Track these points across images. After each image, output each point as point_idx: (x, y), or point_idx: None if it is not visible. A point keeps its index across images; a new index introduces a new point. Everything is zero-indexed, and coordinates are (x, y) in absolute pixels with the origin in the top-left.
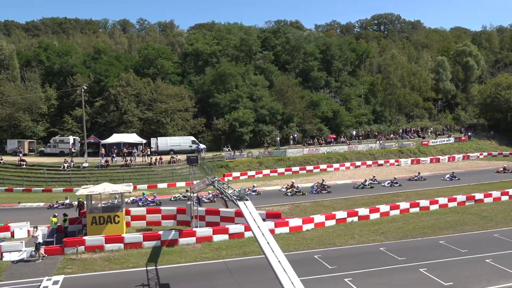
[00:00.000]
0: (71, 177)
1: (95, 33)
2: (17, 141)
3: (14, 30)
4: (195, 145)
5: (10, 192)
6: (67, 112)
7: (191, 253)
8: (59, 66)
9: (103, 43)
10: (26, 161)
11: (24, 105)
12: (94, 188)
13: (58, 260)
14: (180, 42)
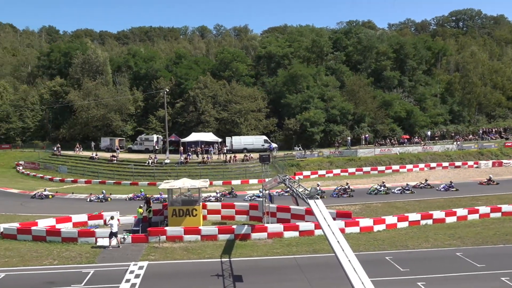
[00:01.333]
0: (154, 172)
1: (176, 39)
2: (109, 139)
3: (107, 39)
4: (267, 144)
5: (103, 185)
6: (152, 112)
7: (262, 248)
8: (145, 70)
9: (184, 48)
10: (116, 157)
11: (115, 106)
12: (174, 183)
13: (143, 248)
14: (253, 46)
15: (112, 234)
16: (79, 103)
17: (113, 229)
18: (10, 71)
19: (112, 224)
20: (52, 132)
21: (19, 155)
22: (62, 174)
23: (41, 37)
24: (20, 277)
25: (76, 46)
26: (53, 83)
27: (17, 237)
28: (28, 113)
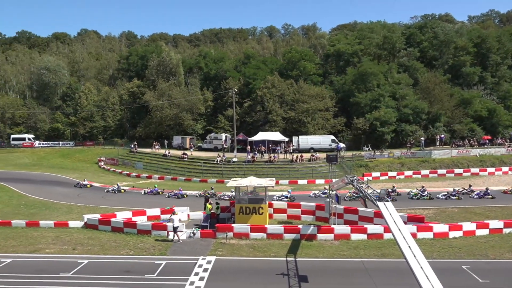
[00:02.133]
0: (222, 170)
1: (245, 40)
2: (181, 137)
3: (180, 42)
4: (334, 143)
5: (175, 181)
6: (221, 112)
7: (328, 249)
8: (215, 71)
9: (252, 49)
10: (187, 155)
11: (187, 106)
12: (241, 181)
13: (211, 243)
14: (322, 44)
15: (174, 229)
16: (154, 103)
17: (174, 224)
18: (94, 74)
19: (173, 219)
20: (129, 130)
21: (101, 151)
22: (138, 170)
23: (121, 42)
24: (100, 264)
25: (152, 49)
26: (131, 85)
27: (98, 227)
28: (109, 113)
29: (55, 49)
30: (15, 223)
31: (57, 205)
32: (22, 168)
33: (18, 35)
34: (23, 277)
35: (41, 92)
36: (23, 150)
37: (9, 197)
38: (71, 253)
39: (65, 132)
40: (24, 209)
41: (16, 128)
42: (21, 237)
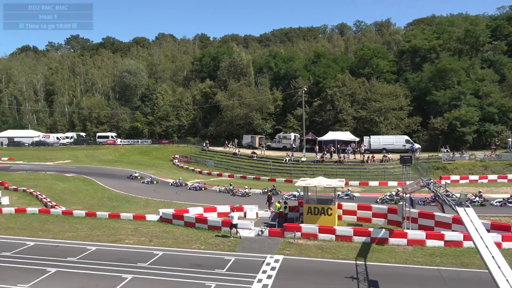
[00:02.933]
0: (291, 169)
1: (315, 38)
2: (250, 136)
3: (251, 42)
4: (409, 144)
5: (244, 179)
6: (290, 111)
7: (401, 255)
8: (285, 71)
9: (322, 47)
10: (256, 154)
11: (256, 106)
12: (310, 181)
13: (279, 242)
14: (396, 40)
15: (232, 226)
16: (225, 103)
17: (233, 221)
18: (170, 75)
19: (233, 216)
20: (202, 129)
21: (175, 149)
22: (209, 168)
23: (195, 44)
24: (174, 257)
25: (224, 50)
26: (204, 85)
27: (172, 221)
28: (183, 112)
29: (135, 53)
30: (100, 214)
31: (136, 199)
32: (106, 163)
33: (104, 41)
34: (106, 264)
35: (123, 94)
36: (107, 147)
37: (95, 190)
38: (147, 244)
39: (143, 130)
40: (107, 202)
41: (101, 127)
42: (104, 228)
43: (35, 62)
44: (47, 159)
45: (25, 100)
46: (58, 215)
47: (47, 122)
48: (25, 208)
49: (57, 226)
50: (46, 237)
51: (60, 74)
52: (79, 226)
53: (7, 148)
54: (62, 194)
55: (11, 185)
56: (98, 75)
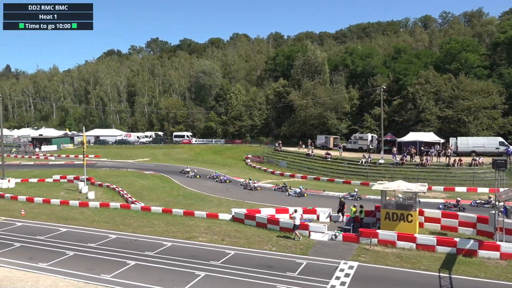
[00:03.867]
0: (367, 172)
1: (395, 33)
2: (325, 136)
3: (326, 39)
4: (503, 147)
5: (317, 181)
6: (367, 111)
7: (493, 269)
8: (362, 68)
9: (403, 42)
10: (330, 155)
11: (331, 105)
12: (388, 185)
13: (354, 248)
14: (489, 32)
15: (295, 227)
16: (298, 103)
17: (296, 222)
18: (243, 75)
19: (295, 217)
20: (274, 129)
21: (248, 149)
22: (282, 168)
23: (269, 43)
24: (246, 257)
25: (297, 48)
26: (277, 85)
27: (244, 221)
28: (256, 112)
29: (210, 53)
30: (175, 211)
31: (209, 197)
32: (181, 162)
33: (181, 42)
34: (180, 260)
35: (198, 94)
36: (182, 146)
37: (171, 188)
38: (220, 243)
39: (217, 130)
40: (182, 200)
41: (177, 126)
42: (179, 225)
43: (119, 65)
44: (128, 157)
45: (109, 101)
46: (137, 210)
47: (129, 122)
48: (109, 203)
49: (137, 221)
50: (126, 231)
51: (140, 76)
52: (156, 222)
53: (94, 146)
54: (141, 191)
55: (97, 180)
56: (175, 76)
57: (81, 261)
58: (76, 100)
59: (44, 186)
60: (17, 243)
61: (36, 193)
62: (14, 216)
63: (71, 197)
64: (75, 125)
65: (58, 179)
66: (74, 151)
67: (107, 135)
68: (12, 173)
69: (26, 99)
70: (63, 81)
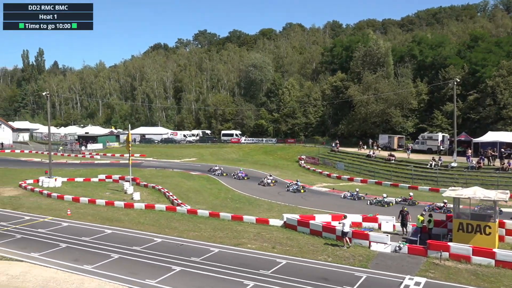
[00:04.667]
0: (437, 176)
1: (472, 18)
2: (388, 136)
3: (390, 27)
4: None
5: (379, 185)
6: (437, 107)
7: None
8: (431, 59)
9: (481, 28)
10: (394, 156)
11: (396, 101)
12: (462, 191)
13: (421, 261)
14: None
15: (343, 234)
16: (358, 98)
17: (344, 229)
18: (297, 69)
19: (344, 223)
20: (331, 128)
21: (302, 149)
22: (339, 171)
23: (325, 33)
24: (298, 267)
25: (357, 38)
26: (334, 78)
27: (297, 228)
28: (311, 109)
29: (261, 45)
30: (223, 215)
31: (259, 201)
32: (229, 162)
33: (230, 34)
34: (228, 268)
35: (248, 89)
36: (231, 145)
37: (218, 190)
38: (270, 251)
39: (268, 128)
40: (230, 203)
41: (225, 124)
42: (227, 230)
43: (165, 60)
44: (174, 156)
45: (155, 98)
46: (183, 213)
47: (175, 120)
48: (154, 205)
49: (182, 224)
50: (172, 235)
51: (187, 71)
52: (202, 226)
53: (139, 144)
54: (187, 192)
55: (142, 181)
56: (224, 71)
57: (126, 265)
58: (122, 96)
59: (90, 185)
60: (63, 244)
61: (82, 192)
62: (60, 216)
63: (116, 198)
64: (121, 122)
65: (104, 178)
66: (120, 149)
67: (153, 134)
68: (59, 172)
69: (73, 96)
70: (109, 77)
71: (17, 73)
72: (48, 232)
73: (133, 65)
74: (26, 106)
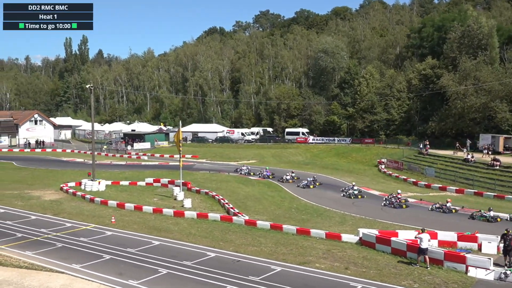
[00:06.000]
0: None
1: None
2: (491, 136)
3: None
4: None
5: (479, 197)
6: None
7: None
8: None
9: None
10: (500, 161)
11: (502, 92)
12: None
13: None
14: None
15: (420, 251)
16: (453, 89)
17: (422, 245)
18: (377, 54)
19: (422, 238)
20: (418, 125)
21: (382, 151)
22: (428, 178)
23: (412, 11)
24: None
25: (453, 16)
26: (423, 65)
27: (375, 246)
28: (394, 102)
29: (334, 27)
30: (286, 228)
31: (330, 212)
32: (294, 166)
33: (297, 15)
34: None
35: (317, 79)
36: (296, 146)
37: (282, 198)
38: (342, 272)
39: (341, 126)
40: (295, 213)
41: (290, 121)
42: (291, 245)
43: (221, 46)
44: (230, 158)
45: (210, 90)
46: (240, 224)
47: (232, 115)
48: (207, 214)
49: (239, 237)
50: (227, 249)
51: (247, 58)
52: (263, 240)
53: (191, 144)
54: (245, 200)
55: (194, 186)
56: (289, 58)
57: (175, 283)
58: (172, 89)
59: (136, 190)
60: (107, 255)
61: (127, 198)
62: (104, 224)
63: (165, 204)
64: (171, 119)
65: (151, 182)
66: (169, 149)
67: (207, 131)
68: (103, 174)
69: (118, 89)
70: (158, 67)
71: (59, 63)
72: (90, 241)
73: (184, 52)
74: (68, 100)
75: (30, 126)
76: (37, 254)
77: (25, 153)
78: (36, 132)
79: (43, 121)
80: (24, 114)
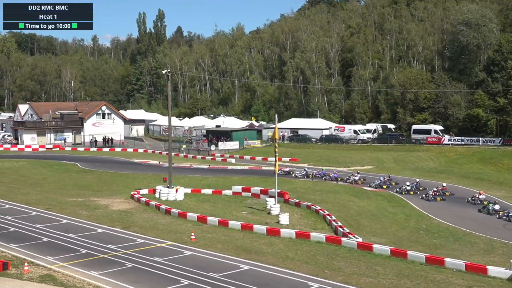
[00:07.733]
0: None
1: None
2: None
3: None
4: None
5: None
6: None
7: None
8: None
9: None
10: None
11: None
12: None
13: None
14: None
15: None
16: None
17: None
18: None
19: None
20: None
21: None
22: None
23: None
24: None
25: None
26: None
27: None
28: None
29: None
30: (412, 255)
31: (471, 237)
32: (424, 175)
33: None
34: None
35: (456, 61)
36: (427, 148)
37: (406, 216)
38: None
39: (488, 122)
40: (425, 237)
41: (419, 116)
42: (418, 278)
43: (329, 19)
44: (339, 162)
45: (313, 76)
46: (351, 248)
47: (342, 108)
48: (309, 233)
49: (350, 264)
50: (334, 279)
51: (362, 34)
52: (381, 270)
53: (289, 144)
54: (358, 217)
55: (293, 197)
56: (418, 33)
57: None
58: (266, 74)
59: (221, 200)
60: (185, 280)
61: (210, 210)
62: (182, 241)
63: (256, 220)
64: (264, 112)
65: (239, 191)
66: (262, 150)
67: (309, 128)
68: (181, 180)
69: (200, 74)
70: (249, 47)
71: (131, 44)
72: (166, 262)
73: (282, 28)
74: (141, 89)
75: (97, 121)
76: (103, 274)
77: (91, 152)
78: (104, 128)
79: (112, 115)
80: (90, 106)
